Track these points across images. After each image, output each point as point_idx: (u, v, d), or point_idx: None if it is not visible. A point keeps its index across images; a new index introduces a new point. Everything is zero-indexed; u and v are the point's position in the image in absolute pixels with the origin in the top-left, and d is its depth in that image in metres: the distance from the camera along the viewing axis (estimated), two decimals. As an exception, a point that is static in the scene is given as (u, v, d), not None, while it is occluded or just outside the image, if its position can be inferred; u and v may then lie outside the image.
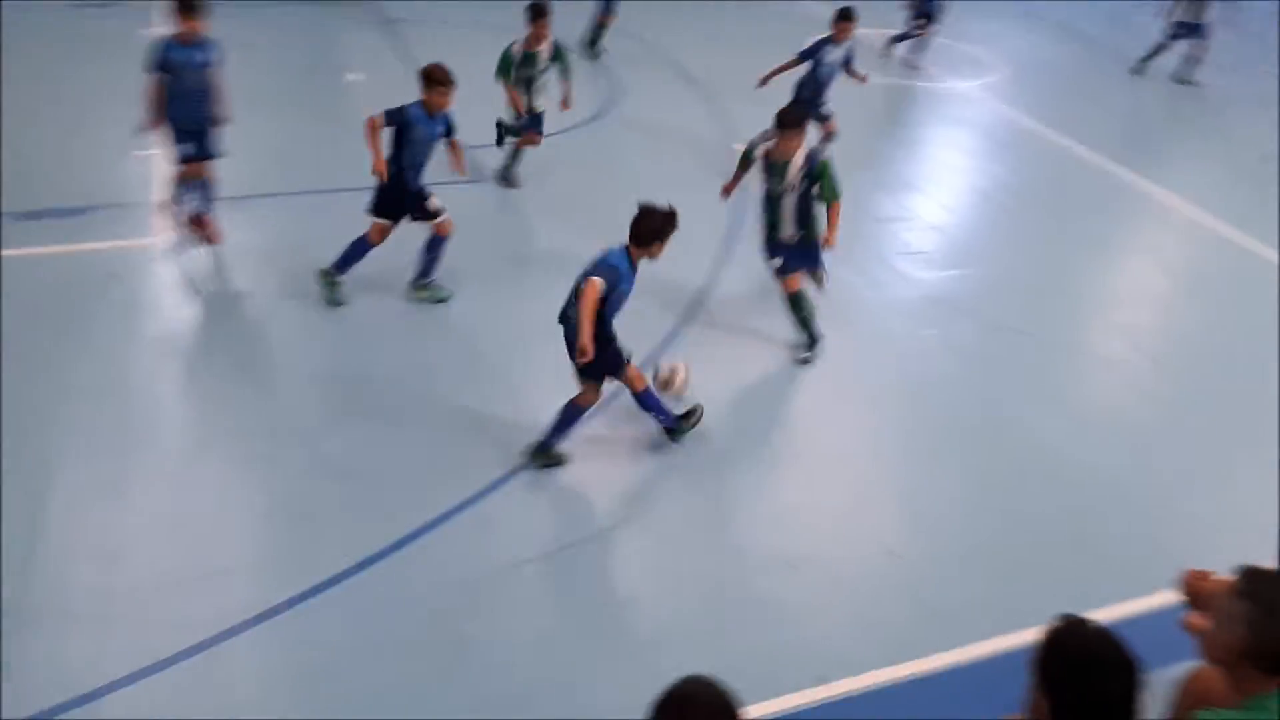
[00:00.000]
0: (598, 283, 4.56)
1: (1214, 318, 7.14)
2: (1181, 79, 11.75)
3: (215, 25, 6.32)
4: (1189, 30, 11.59)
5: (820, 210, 5.83)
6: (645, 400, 5.07)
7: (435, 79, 5.80)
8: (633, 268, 4.73)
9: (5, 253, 6.26)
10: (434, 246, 6.22)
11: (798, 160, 5.71)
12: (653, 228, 4.70)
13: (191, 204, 6.57)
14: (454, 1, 12.29)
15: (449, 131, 6.02)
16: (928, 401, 5.88)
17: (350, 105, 8.61)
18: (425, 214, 6.14)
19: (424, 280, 6.34)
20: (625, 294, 4.76)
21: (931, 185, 8.75)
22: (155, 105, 6.18)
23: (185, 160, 6.40)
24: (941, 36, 12.01)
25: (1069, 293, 7.26)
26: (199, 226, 6.61)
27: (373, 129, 5.78)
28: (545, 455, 4.99)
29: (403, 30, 11.26)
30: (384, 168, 5.84)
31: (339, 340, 5.93)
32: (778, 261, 5.96)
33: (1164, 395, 6.18)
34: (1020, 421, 5.75)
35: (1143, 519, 5.08)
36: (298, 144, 8.38)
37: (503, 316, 6.23)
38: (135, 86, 6.19)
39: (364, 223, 6.02)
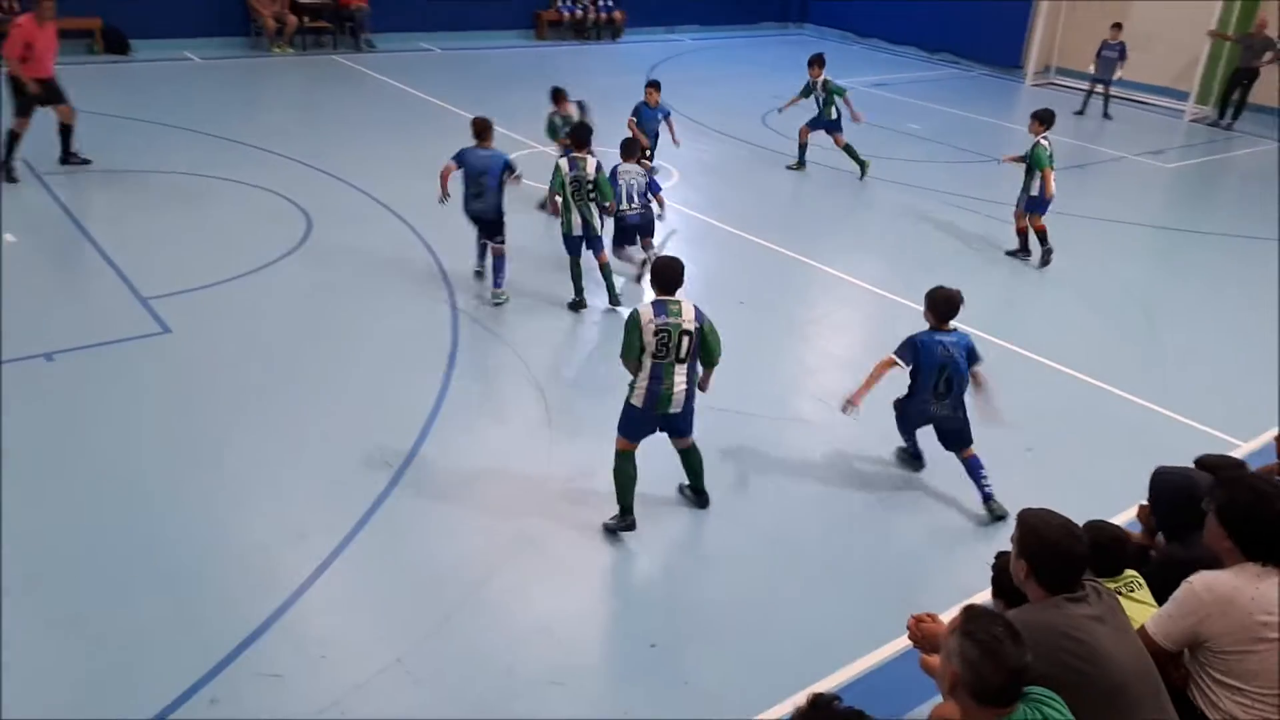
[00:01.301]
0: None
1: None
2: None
3: None
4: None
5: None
6: None
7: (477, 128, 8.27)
8: None
9: None
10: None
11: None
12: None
13: None
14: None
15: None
16: (662, 484, 6.16)
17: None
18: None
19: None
20: None
21: (625, 285, 9.25)
22: None
23: None
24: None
25: (768, 367, 7.91)
26: None
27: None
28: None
29: (55, 186, 10.45)
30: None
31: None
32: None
33: (858, 442, 6.84)
34: (752, 488, 6.17)
35: (867, 558, 5.58)
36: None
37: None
38: None
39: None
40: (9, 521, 5.39)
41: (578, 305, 8.55)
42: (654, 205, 9.31)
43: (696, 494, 6.07)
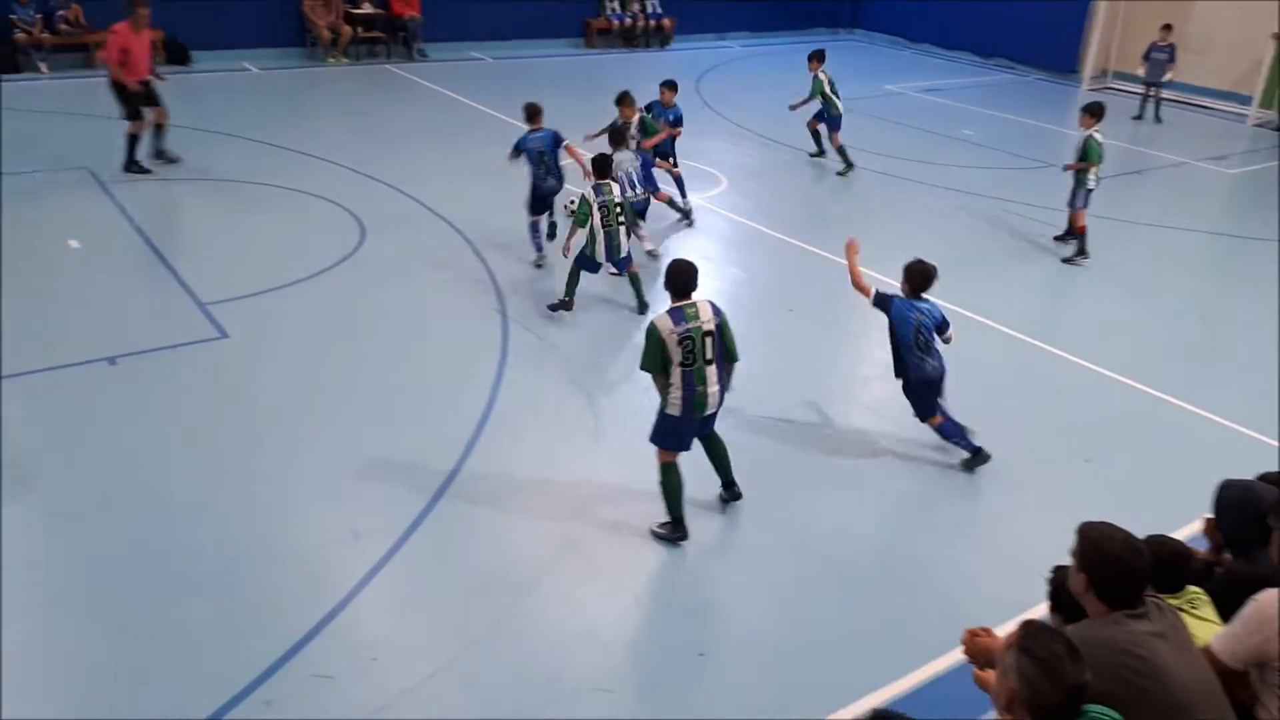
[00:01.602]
0: None
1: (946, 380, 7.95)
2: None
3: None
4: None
5: None
6: None
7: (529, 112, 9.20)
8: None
9: None
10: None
11: None
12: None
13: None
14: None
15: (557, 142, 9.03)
16: (709, 494, 6.15)
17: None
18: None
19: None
20: None
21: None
22: None
23: None
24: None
25: (819, 375, 7.85)
26: None
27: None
28: None
29: (119, 193, 10.72)
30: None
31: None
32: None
33: (913, 454, 6.77)
34: (796, 500, 6.13)
35: (925, 581, 5.51)
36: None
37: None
38: None
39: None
40: (72, 522, 5.53)
41: (565, 306, 8.39)
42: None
43: (727, 487, 6.02)
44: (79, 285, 8.56)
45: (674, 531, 5.67)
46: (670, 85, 11.30)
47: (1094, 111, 10.21)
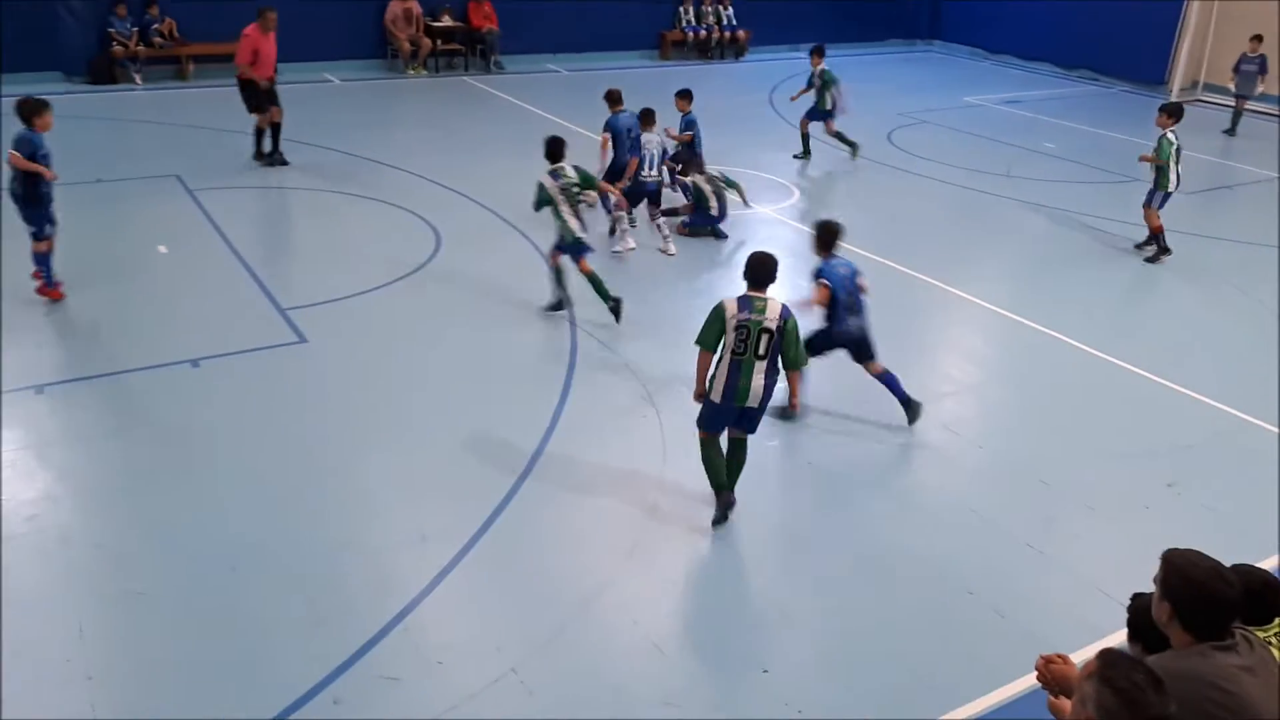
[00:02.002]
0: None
1: (1022, 398, 7.78)
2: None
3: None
4: None
5: None
6: None
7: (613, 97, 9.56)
8: None
9: None
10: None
11: None
12: None
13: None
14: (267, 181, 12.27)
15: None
16: (776, 510, 6.10)
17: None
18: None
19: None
20: None
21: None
22: None
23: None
24: (734, 165, 12.91)
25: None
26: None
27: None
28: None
29: (206, 200, 11.07)
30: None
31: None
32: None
33: (989, 474, 6.62)
34: (866, 521, 6.04)
35: (998, 603, 5.38)
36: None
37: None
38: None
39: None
40: (150, 519, 5.71)
41: (558, 306, 8.55)
42: (664, 174, 10.55)
43: (726, 488, 5.87)
44: (166, 289, 8.85)
45: (720, 503, 5.82)
46: (683, 94, 11.67)
47: (1171, 111, 10.33)
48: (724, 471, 5.81)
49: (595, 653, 4.89)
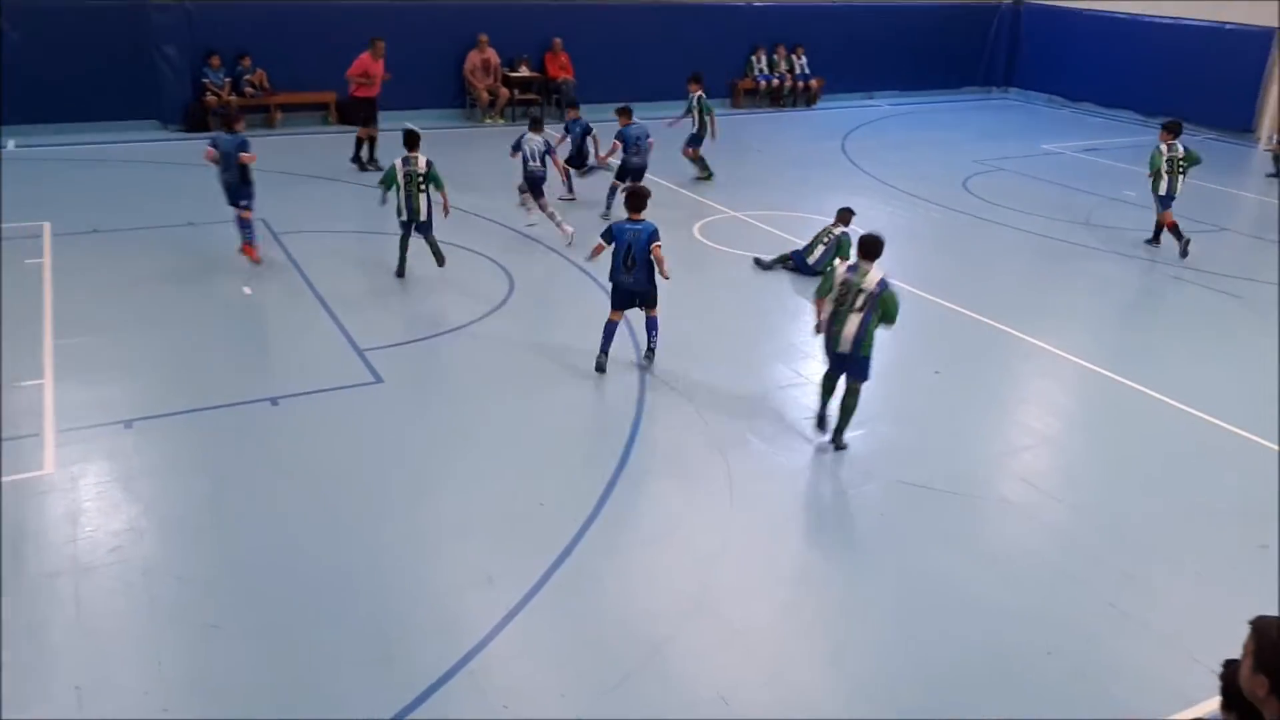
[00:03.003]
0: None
1: (1105, 452, 7.55)
2: None
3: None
4: None
5: None
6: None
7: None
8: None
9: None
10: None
11: None
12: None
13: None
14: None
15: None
16: (846, 561, 5.99)
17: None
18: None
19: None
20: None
21: (821, 351, 9.11)
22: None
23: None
24: (806, 213, 12.92)
25: (967, 443, 7.58)
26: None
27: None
28: None
29: (289, 243, 11.42)
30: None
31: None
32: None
33: (1070, 530, 6.42)
34: (938, 572, 5.89)
35: (1079, 665, 5.19)
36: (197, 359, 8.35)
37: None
38: (21, 315, 6.13)
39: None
40: (228, 552, 5.85)
41: (400, 273, 10.44)
42: (550, 165, 12.06)
43: (837, 433, 7.24)
44: (250, 329, 9.13)
45: (815, 422, 7.41)
46: (623, 111, 13.25)
47: (1170, 128, 12.09)
48: (827, 398, 7.31)
49: (659, 702, 4.83)
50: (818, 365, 8.72)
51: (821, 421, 7.39)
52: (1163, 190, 11.96)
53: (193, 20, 16.52)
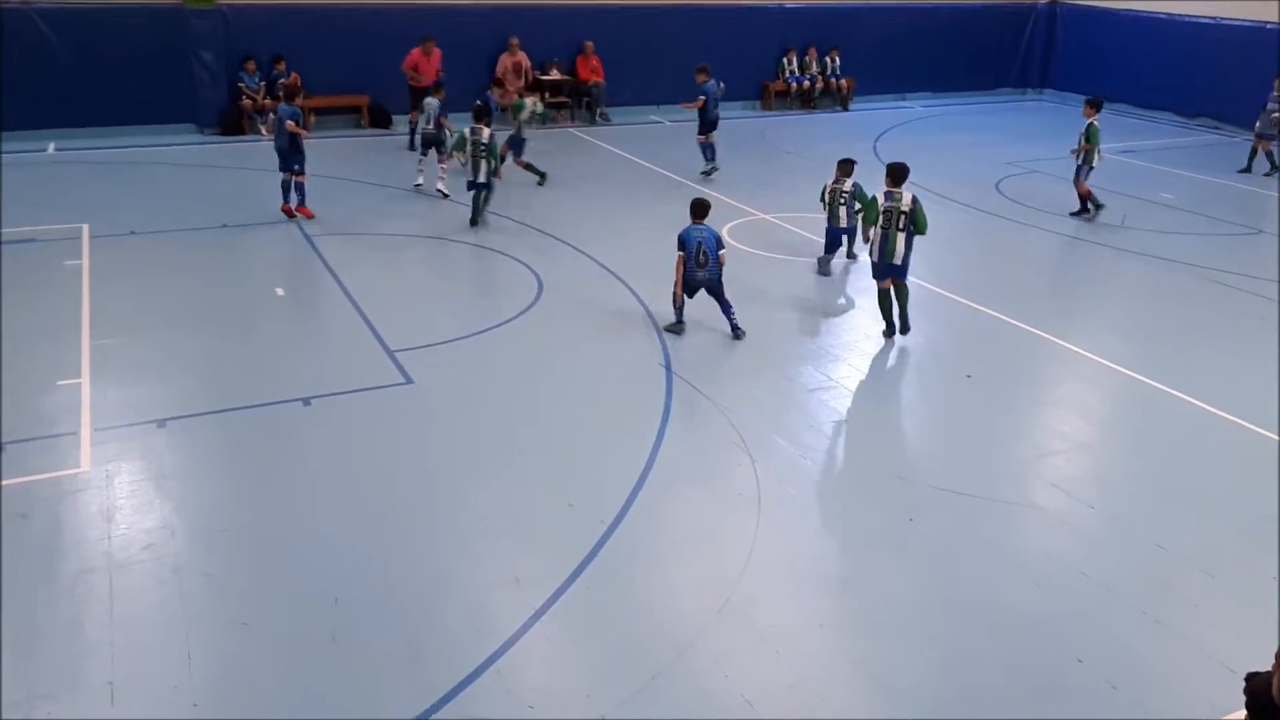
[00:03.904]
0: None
1: (1139, 458, 7.44)
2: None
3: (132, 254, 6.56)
4: None
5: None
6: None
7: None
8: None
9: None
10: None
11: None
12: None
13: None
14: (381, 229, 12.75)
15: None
16: (875, 567, 5.94)
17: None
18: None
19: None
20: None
21: (852, 354, 9.09)
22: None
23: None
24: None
25: (998, 447, 7.51)
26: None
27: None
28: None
29: (322, 245, 11.53)
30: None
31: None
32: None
33: (1103, 537, 6.33)
34: (969, 577, 5.83)
35: (1110, 674, 5.12)
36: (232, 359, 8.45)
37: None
38: (59, 316, 6.24)
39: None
40: (258, 549, 5.91)
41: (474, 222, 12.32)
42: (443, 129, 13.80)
43: (901, 319, 9.16)
44: (282, 330, 9.23)
45: (884, 332, 9.25)
46: (701, 69, 15.03)
47: (1094, 104, 13.06)
48: (891, 313, 9.15)
49: (685, 705, 4.82)
50: (847, 369, 8.72)
51: (891, 330, 9.19)
52: (1095, 163, 13.06)
53: (229, 25, 16.74)
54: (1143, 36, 21.70)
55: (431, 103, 13.90)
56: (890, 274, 9.02)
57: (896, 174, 8.90)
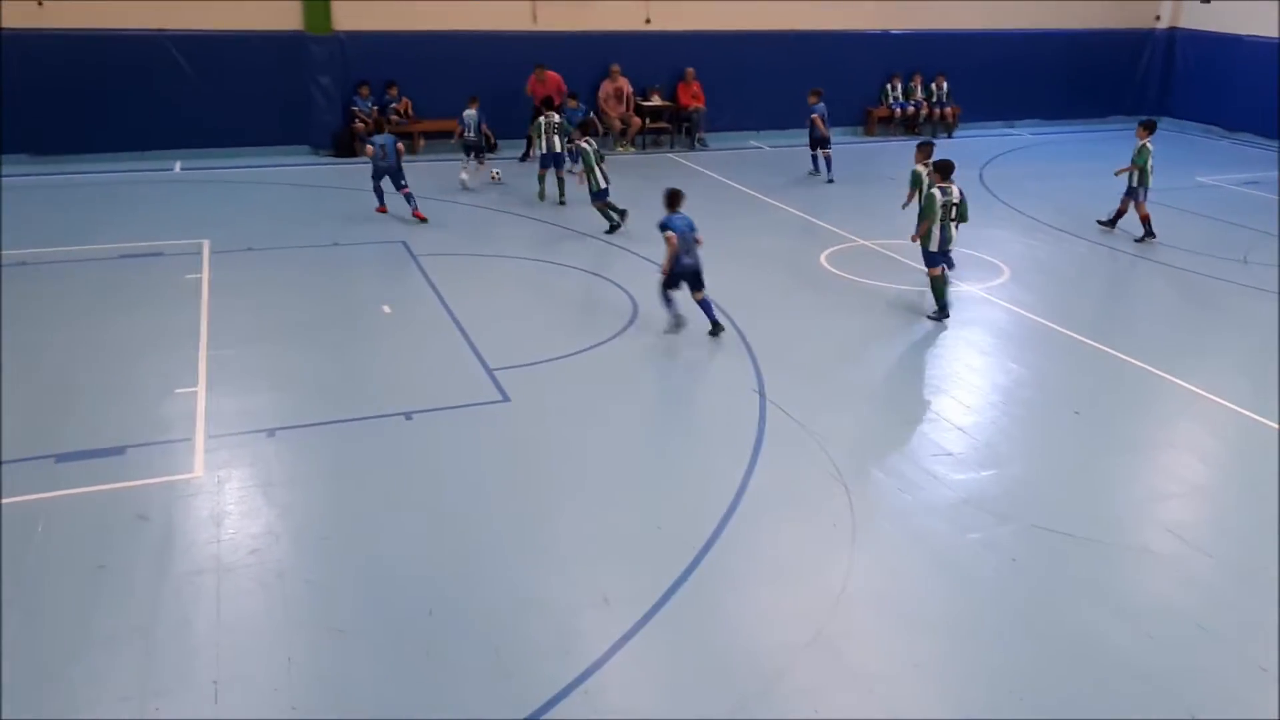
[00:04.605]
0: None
1: (1259, 504, 7.05)
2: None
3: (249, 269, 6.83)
4: None
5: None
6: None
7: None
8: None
9: (40, 495, 6.53)
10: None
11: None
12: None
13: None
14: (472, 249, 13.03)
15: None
16: (973, 608, 5.76)
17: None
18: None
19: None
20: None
21: (953, 385, 8.87)
22: None
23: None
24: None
25: (1108, 487, 7.21)
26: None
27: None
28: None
29: (428, 265, 11.83)
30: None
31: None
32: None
33: (1218, 586, 6.02)
34: (1074, 623, 5.61)
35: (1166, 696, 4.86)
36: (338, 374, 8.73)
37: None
38: (180, 327, 6.53)
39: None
40: (357, 559, 6.05)
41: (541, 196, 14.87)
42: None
43: (947, 311, 10.20)
44: (387, 346, 9.49)
45: (940, 314, 10.20)
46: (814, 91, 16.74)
47: (1147, 126, 13.38)
48: (944, 294, 10.18)
49: (774, 737, 4.74)
50: (947, 401, 8.51)
51: (945, 312, 10.18)
52: (1151, 183, 13.21)
53: (345, 50, 17.40)
54: (1266, 63, 20.77)
55: (470, 115, 15.37)
56: (944, 261, 10.20)
57: (945, 170, 10.15)
